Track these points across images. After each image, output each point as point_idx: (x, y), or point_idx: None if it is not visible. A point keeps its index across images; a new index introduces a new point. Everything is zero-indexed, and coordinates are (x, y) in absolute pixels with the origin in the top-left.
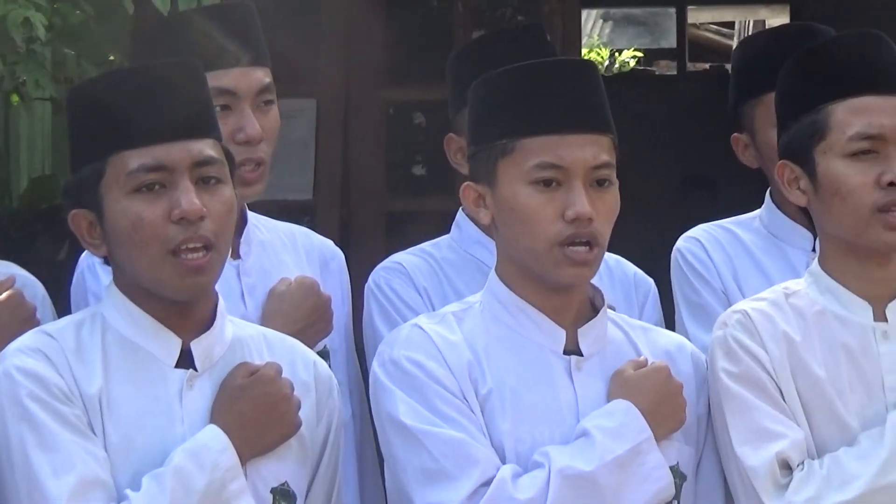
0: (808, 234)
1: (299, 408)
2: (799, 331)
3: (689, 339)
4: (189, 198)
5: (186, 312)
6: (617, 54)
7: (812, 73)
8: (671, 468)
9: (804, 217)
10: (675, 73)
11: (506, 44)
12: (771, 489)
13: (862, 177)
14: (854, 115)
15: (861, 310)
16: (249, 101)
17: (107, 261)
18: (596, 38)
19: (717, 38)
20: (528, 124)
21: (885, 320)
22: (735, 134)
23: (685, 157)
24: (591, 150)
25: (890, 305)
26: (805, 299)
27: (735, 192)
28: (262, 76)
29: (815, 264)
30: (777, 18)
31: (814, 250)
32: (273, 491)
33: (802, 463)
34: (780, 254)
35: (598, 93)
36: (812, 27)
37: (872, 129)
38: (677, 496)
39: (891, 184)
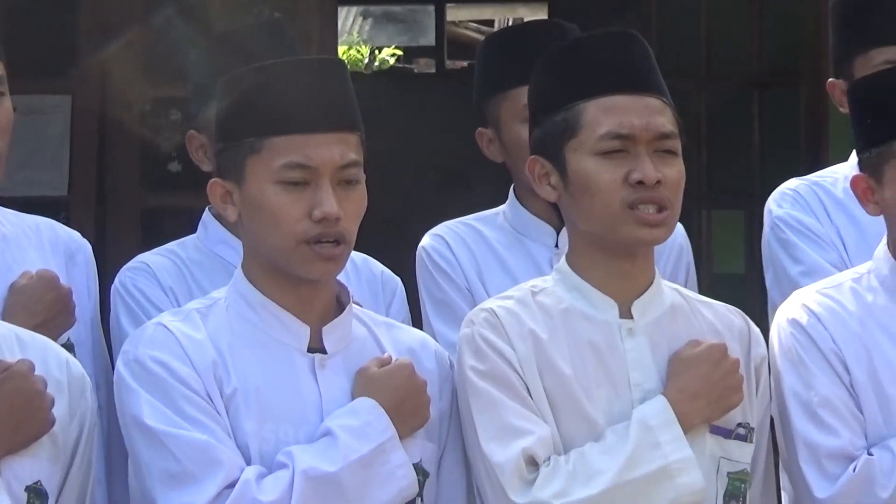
0: (551, 230)
1: (53, 405)
2: (546, 328)
3: (435, 336)
4: None
5: None
6: (377, 52)
7: (565, 71)
8: (414, 466)
9: (547, 213)
10: (434, 70)
11: (250, 40)
12: (517, 485)
13: (611, 174)
14: (605, 114)
15: (607, 307)
16: None
17: None
18: (355, 35)
19: (476, 35)
20: (275, 123)
21: (631, 318)
22: (480, 129)
23: (443, 155)
24: (338, 150)
25: (636, 303)
26: (552, 297)
27: (489, 189)
28: None
29: (562, 262)
30: (536, 17)
31: (557, 246)
32: (27, 489)
33: (549, 459)
34: (524, 250)
35: (346, 91)
36: (558, 24)
37: (623, 128)
38: (420, 493)
39: (639, 182)
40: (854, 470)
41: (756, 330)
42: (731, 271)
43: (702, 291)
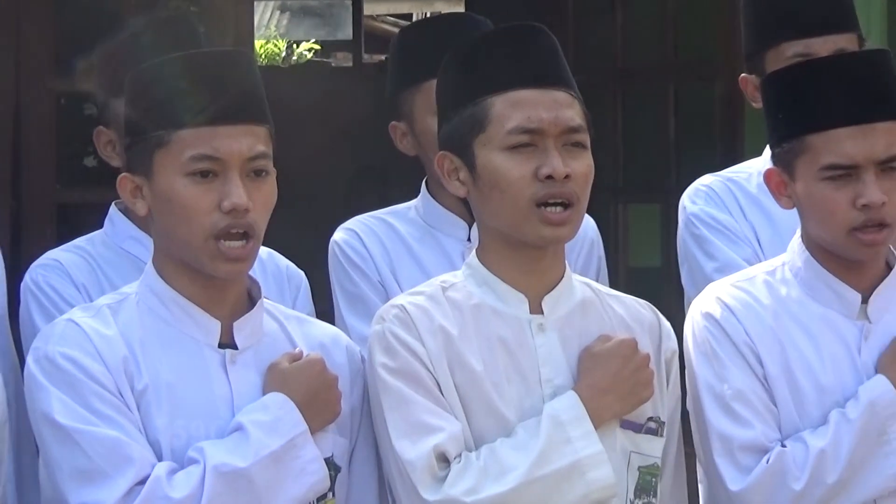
0: (464, 224)
1: None
2: (456, 324)
3: (348, 331)
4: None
5: None
6: (294, 46)
7: (473, 65)
8: (326, 460)
9: (459, 206)
10: (351, 64)
11: (156, 35)
12: (429, 482)
13: (520, 170)
14: (513, 109)
15: (517, 302)
16: None
17: None
18: (273, 29)
19: (393, 29)
20: (183, 116)
21: (542, 313)
22: (393, 122)
23: (359, 149)
24: (246, 142)
25: (546, 298)
26: (462, 292)
27: (406, 183)
28: None
29: (472, 257)
30: (453, 10)
31: (469, 240)
32: None
33: (460, 455)
34: (436, 244)
35: (253, 83)
36: (470, 17)
37: (531, 122)
38: (332, 488)
39: (548, 177)
40: (767, 462)
41: (666, 324)
42: (647, 265)
43: (617, 285)
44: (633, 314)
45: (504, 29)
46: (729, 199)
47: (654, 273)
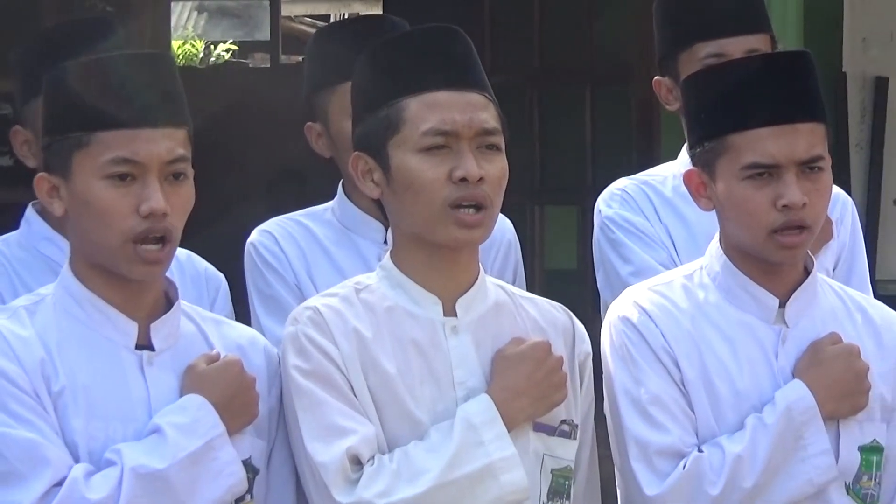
0: (380, 226)
1: None
2: (370, 327)
3: (263, 332)
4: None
5: None
6: (212, 46)
7: (387, 67)
8: (244, 462)
9: (375, 209)
10: (268, 65)
11: (75, 34)
12: (341, 484)
13: (434, 172)
14: (428, 111)
15: (431, 305)
16: None
17: None
18: (190, 30)
19: (311, 30)
20: (102, 118)
21: (455, 315)
22: (309, 123)
23: (277, 150)
24: (165, 145)
25: (460, 301)
26: (376, 294)
27: (324, 184)
28: None
29: (386, 258)
30: (371, 12)
31: (385, 242)
32: None
33: (373, 458)
34: (353, 246)
35: (173, 86)
36: (387, 19)
37: (445, 124)
38: (250, 490)
39: (462, 179)
40: (684, 467)
41: (580, 326)
42: (564, 267)
43: (534, 287)
44: (547, 317)
45: (419, 30)
46: (644, 202)
47: (570, 275)
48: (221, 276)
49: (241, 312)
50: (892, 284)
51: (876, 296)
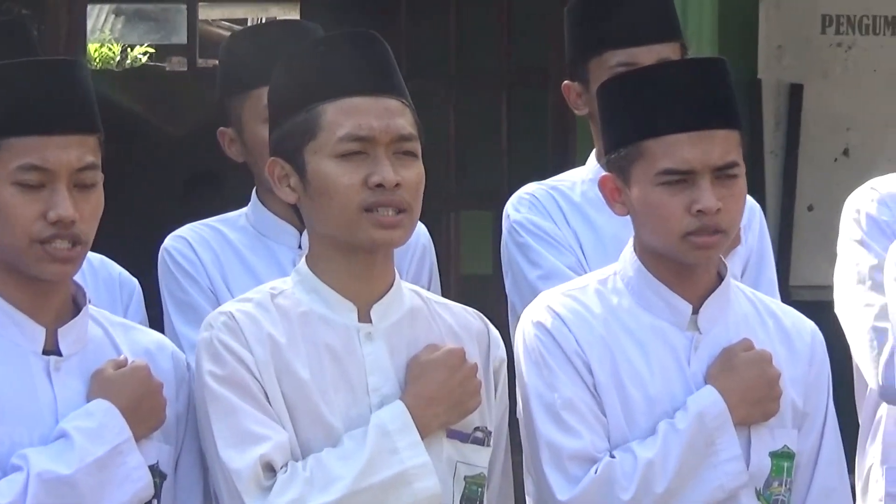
0: (295, 231)
1: None
2: (284, 332)
3: (178, 338)
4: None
5: None
6: (129, 50)
7: (304, 72)
8: (151, 468)
9: (290, 213)
10: (185, 69)
11: None
12: (254, 491)
13: (351, 177)
14: (344, 116)
15: (346, 311)
16: None
17: None
18: (107, 33)
19: (228, 34)
20: (11, 124)
21: (370, 321)
22: (221, 128)
23: (194, 155)
24: (75, 152)
25: (375, 307)
26: (291, 299)
27: (240, 189)
28: None
29: (302, 263)
30: (288, 16)
31: (300, 247)
32: None
33: (286, 465)
34: (267, 251)
35: (84, 92)
36: (302, 25)
37: (362, 130)
38: (157, 495)
39: (378, 185)
40: (596, 472)
41: (495, 332)
42: (479, 272)
43: (449, 293)
44: (462, 323)
45: (336, 36)
46: (552, 207)
47: (486, 280)
48: (135, 281)
49: (156, 317)
50: (806, 290)
51: (790, 302)
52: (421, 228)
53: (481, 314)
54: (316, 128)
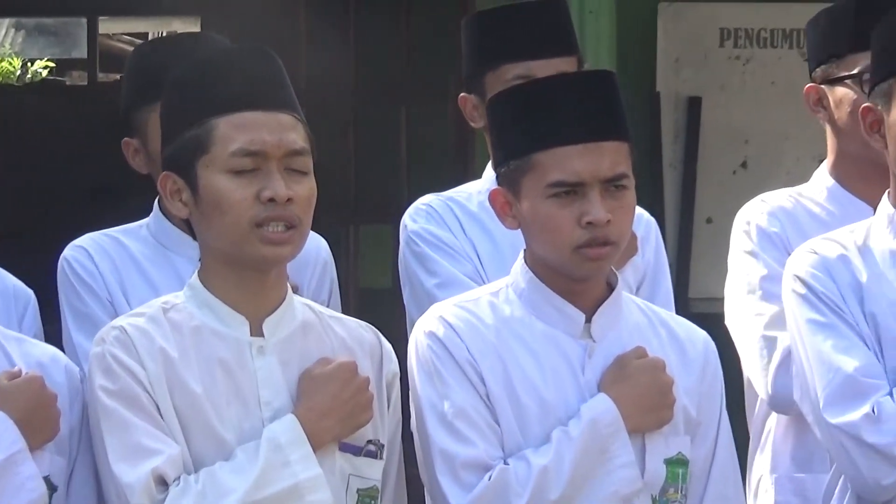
0: (195, 243)
1: None
2: (176, 347)
3: (76, 349)
4: None
5: None
6: (29, 64)
7: (196, 87)
8: (43, 479)
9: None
10: (86, 83)
11: None
12: None
13: (242, 192)
14: (236, 131)
15: (238, 325)
16: None
17: None
18: (7, 47)
19: (129, 48)
20: None
21: (262, 335)
22: (126, 139)
23: (95, 168)
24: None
25: (267, 321)
26: (183, 313)
27: (141, 201)
28: None
29: (194, 278)
30: (189, 30)
31: (200, 259)
32: None
33: (179, 478)
34: (168, 263)
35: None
36: (206, 37)
37: (254, 145)
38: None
39: (271, 200)
40: (489, 479)
41: (387, 346)
42: (379, 286)
43: (349, 306)
44: (355, 336)
45: (228, 50)
46: (449, 217)
47: (385, 294)
48: (31, 292)
49: (55, 328)
50: (705, 302)
51: (689, 314)
52: (322, 243)
53: (374, 328)
54: (208, 142)
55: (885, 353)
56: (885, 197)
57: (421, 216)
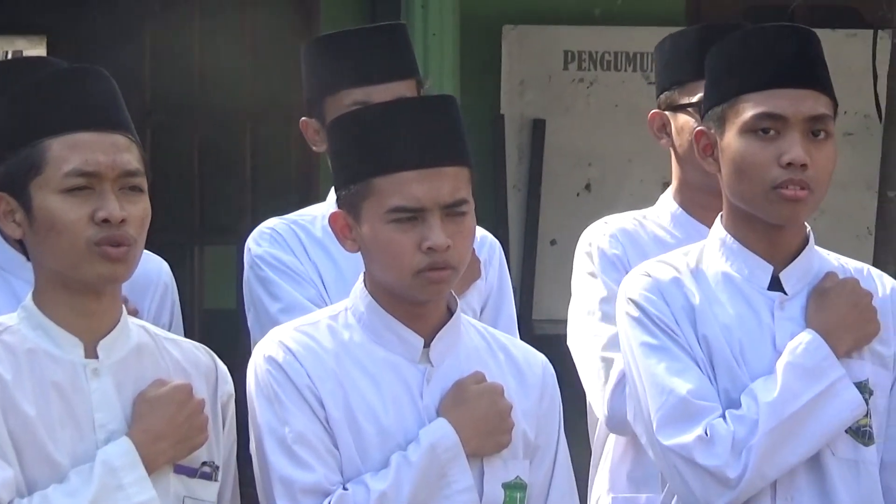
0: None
1: None
2: (10, 369)
3: None
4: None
5: None
6: None
7: (28, 107)
8: None
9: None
10: None
11: None
12: None
13: (77, 212)
14: (70, 151)
15: (72, 347)
16: None
17: None
18: None
19: None
20: None
21: (97, 357)
22: None
23: None
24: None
25: (101, 343)
26: (17, 336)
27: None
28: None
29: (28, 300)
30: (35, 49)
31: None
32: None
33: (12, 502)
34: (6, 285)
35: None
36: (48, 61)
37: (88, 166)
38: None
39: (105, 220)
40: None
41: (223, 367)
42: (223, 307)
43: (193, 328)
44: (190, 358)
45: (62, 71)
46: (293, 240)
47: (229, 315)
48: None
49: None
50: (549, 324)
51: (533, 335)
52: (164, 266)
53: (209, 350)
54: (42, 163)
55: (718, 375)
56: (717, 220)
57: (265, 240)
